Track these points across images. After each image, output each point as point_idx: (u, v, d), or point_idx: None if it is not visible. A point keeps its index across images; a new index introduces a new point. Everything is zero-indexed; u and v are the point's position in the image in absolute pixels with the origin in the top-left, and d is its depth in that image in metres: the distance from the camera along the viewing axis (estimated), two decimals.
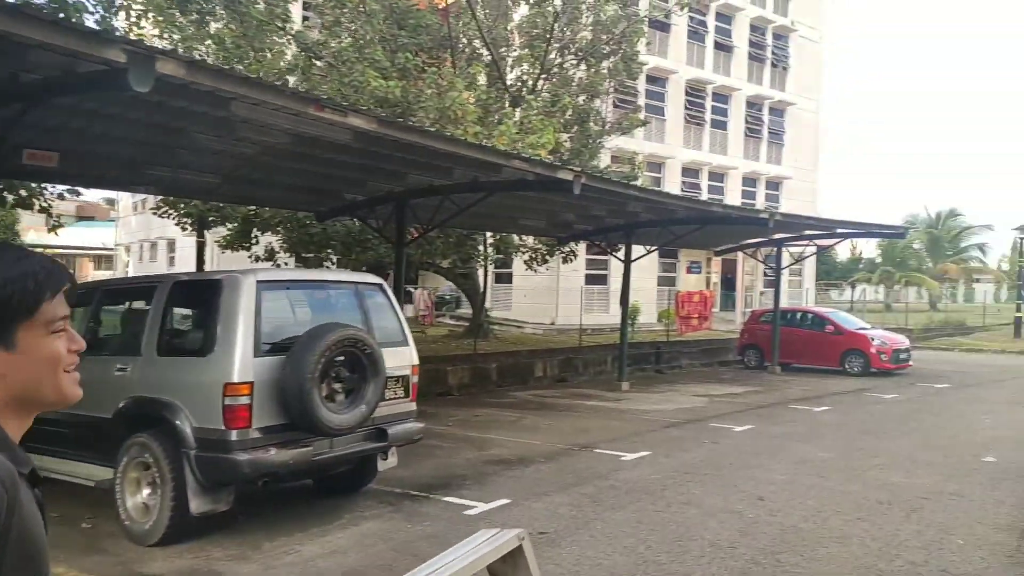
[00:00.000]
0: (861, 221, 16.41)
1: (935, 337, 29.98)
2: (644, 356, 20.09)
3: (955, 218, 52.25)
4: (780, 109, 35.54)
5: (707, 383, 17.02)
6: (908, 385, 16.70)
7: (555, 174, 9.05)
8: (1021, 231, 29.38)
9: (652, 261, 30.13)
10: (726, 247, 21.25)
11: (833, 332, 19.17)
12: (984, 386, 16.69)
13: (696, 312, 22.38)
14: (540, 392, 15.25)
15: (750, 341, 20.79)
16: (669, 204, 12.23)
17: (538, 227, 16.09)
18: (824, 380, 17.66)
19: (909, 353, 19.14)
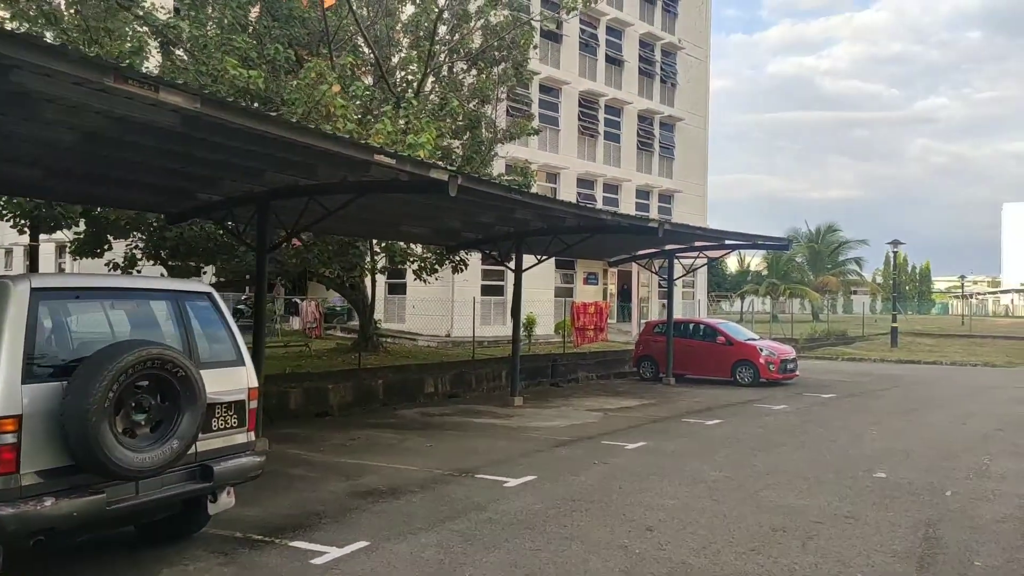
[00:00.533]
0: (748, 233, 16.46)
1: (819, 347, 31.05)
2: (540, 369, 19.48)
3: (833, 233, 55.14)
4: (670, 124, 36.21)
5: (602, 396, 16.54)
6: (796, 395, 16.80)
7: (428, 173, 8.20)
8: (893, 245, 30.97)
9: (549, 272, 29.85)
10: (620, 258, 21.02)
11: (724, 343, 19.20)
12: (867, 395, 17.01)
13: (592, 323, 22.04)
14: (429, 410, 14.27)
15: (645, 352, 20.58)
16: (556, 210, 11.62)
17: (423, 234, 15.18)
18: (716, 391, 17.56)
19: (796, 363, 19.41)
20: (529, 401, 15.53)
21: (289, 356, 18.99)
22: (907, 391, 17.93)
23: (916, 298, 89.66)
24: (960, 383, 19.86)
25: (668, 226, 13.28)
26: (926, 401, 15.89)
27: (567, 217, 12.98)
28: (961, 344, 32.03)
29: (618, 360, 21.94)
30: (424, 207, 11.99)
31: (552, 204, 11.09)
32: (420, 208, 12.01)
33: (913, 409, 14.53)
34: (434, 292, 26.39)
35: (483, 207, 12.16)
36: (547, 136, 30.11)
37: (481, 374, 18.12)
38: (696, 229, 14.70)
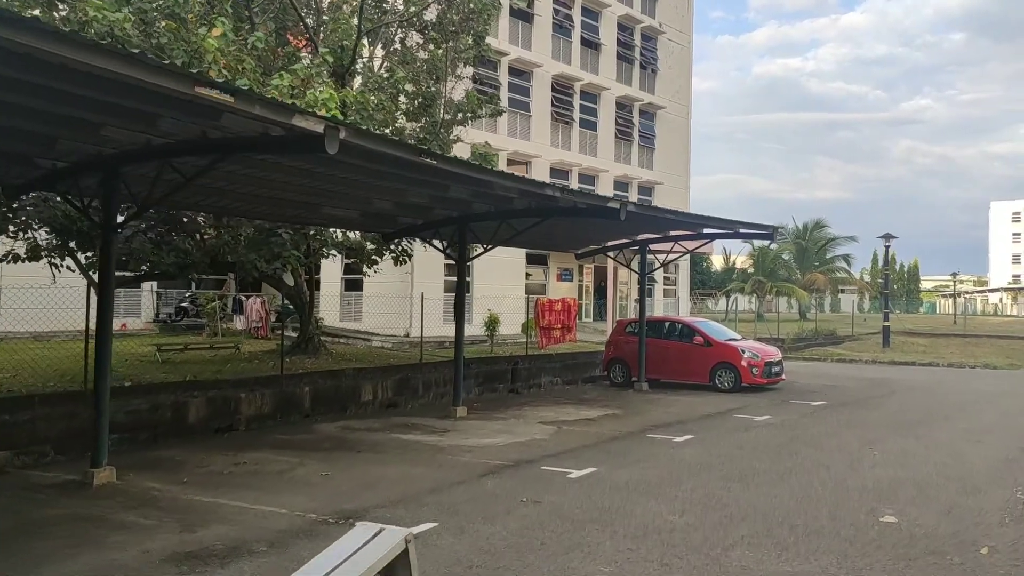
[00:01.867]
0: (727, 219, 14.50)
1: (807, 347, 29.21)
2: (498, 374, 17.44)
3: (821, 229, 53.42)
4: (650, 112, 34.26)
5: (563, 405, 14.52)
6: (781, 403, 14.85)
7: (291, 120, 6.11)
8: (886, 239, 29.18)
9: (518, 266, 27.87)
10: (588, 250, 19.01)
11: (702, 344, 17.22)
12: (862, 404, 15.08)
13: (559, 322, 19.99)
14: (355, 423, 12.20)
15: (616, 355, 18.58)
16: (490, 183, 9.58)
17: (351, 219, 13.09)
18: (692, 398, 15.59)
19: (782, 366, 17.48)
20: (477, 411, 13.50)
21: (214, 359, 16.85)
22: (905, 398, 16.02)
23: (904, 297, 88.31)
24: (962, 388, 17.99)
25: (632, 207, 11.27)
26: (929, 411, 13.98)
27: (512, 196, 10.94)
28: (956, 344, 30.29)
29: (589, 363, 19.91)
30: (338, 182, 9.93)
31: (482, 174, 9.04)
32: (332, 183, 9.94)
33: (916, 422, 12.59)
34: (393, 288, 24.35)
35: (410, 182, 10.12)
36: (517, 122, 28.08)
37: (430, 379, 16.04)
38: (666, 212, 12.73)
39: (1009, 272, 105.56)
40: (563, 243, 18.08)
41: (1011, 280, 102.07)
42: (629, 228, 16.10)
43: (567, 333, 20.30)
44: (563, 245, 18.45)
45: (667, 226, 15.70)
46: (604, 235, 17.18)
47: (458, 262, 13.12)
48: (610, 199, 11.06)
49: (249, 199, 10.45)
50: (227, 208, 11.37)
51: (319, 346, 18.52)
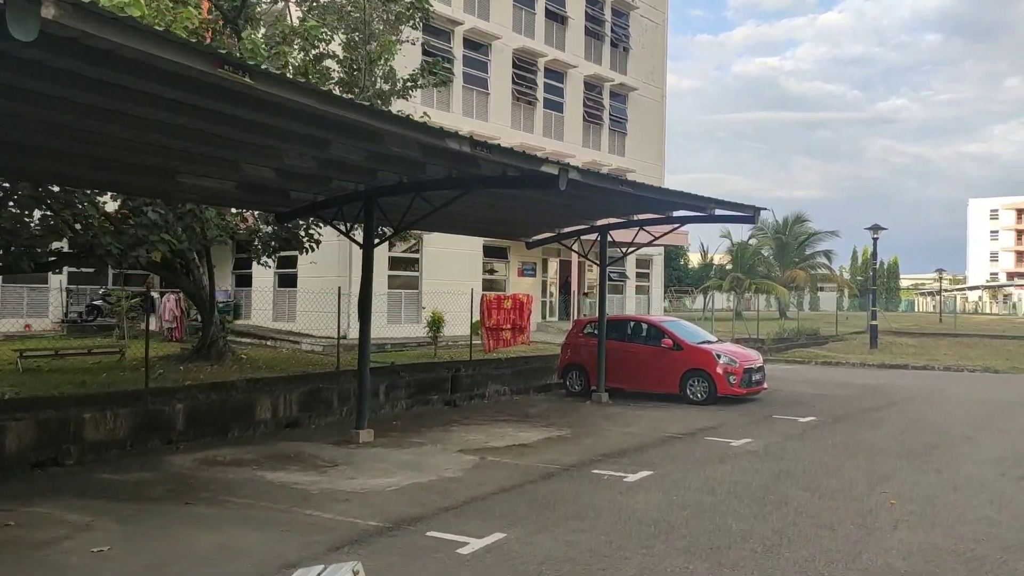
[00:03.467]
0: (700, 195, 11.99)
1: (789, 348, 26.90)
2: (434, 383, 14.82)
3: (801, 224, 51.35)
4: (622, 94, 31.77)
5: (501, 423, 11.94)
6: (764, 420, 12.37)
7: None
8: (874, 231, 26.94)
9: (474, 260, 25.24)
10: (541, 237, 16.43)
11: (671, 348, 14.70)
12: (859, 419, 12.64)
13: (509, 322, 17.41)
14: (226, 453, 9.52)
15: (573, 360, 16.03)
16: (381, 129, 6.95)
17: (224, 191, 10.37)
18: (658, 412, 13.08)
19: (763, 373, 15.02)
20: (391, 433, 10.90)
21: (93, 368, 14.06)
22: (908, 410, 13.63)
23: (885, 294, 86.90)
24: (969, 397, 15.66)
25: (577, 175, 8.69)
26: (941, 429, 11.57)
27: (415, 156, 8.31)
28: (947, 345, 28.14)
29: (544, 369, 17.32)
30: (183, 135, 7.28)
31: (342, 110, 6.37)
32: (175, 135, 7.27)
33: (930, 445, 10.15)
34: (330, 284, 21.62)
35: (273, 134, 7.49)
36: (474, 100, 25.45)
37: (348, 391, 13.36)
38: (623, 184, 10.10)
39: (987, 270, 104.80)
40: (507, 228, 15.48)
41: (989, 278, 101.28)
42: (585, 209, 13.56)
43: (519, 334, 17.72)
44: (509, 231, 15.85)
45: (629, 206, 13.18)
46: (556, 218, 14.61)
47: (364, 248, 10.46)
48: (545, 161, 8.46)
49: (69, 159, 7.76)
50: (41, 172, 8.64)
51: (224, 351, 15.79)
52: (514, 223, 14.73)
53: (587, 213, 14.18)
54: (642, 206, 13.28)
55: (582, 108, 29.71)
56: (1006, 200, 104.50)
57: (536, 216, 13.97)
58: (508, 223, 14.66)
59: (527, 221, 14.66)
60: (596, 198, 12.02)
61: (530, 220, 14.68)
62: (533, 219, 14.50)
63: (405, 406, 13.77)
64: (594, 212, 14.06)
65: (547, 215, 13.93)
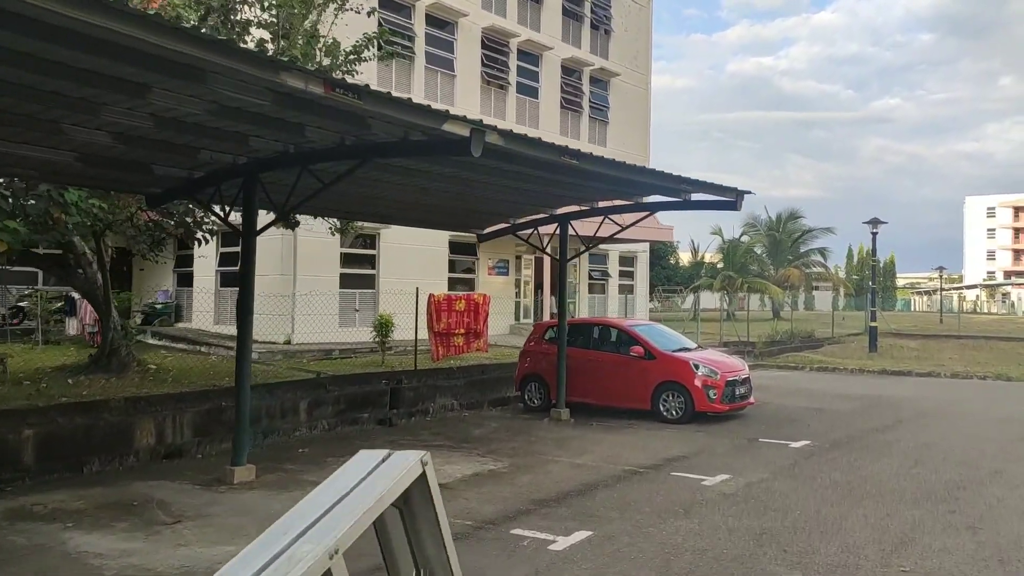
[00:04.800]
0: (671, 173, 9.89)
1: (781, 352, 24.83)
2: (369, 398, 12.74)
3: (795, 220, 49.33)
4: (603, 80, 29.68)
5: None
6: (748, 445, 10.29)
7: None
8: (873, 224, 24.91)
9: (438, 257, 23.06)
10: (495, 229, 14.34)
11: (643, 356, 12.60)
12: (863, 446, 10.55)
13: (462, 326, 15.31)
14: (54, 498, 7.43)
15: (532, 369, 13.92)
16: (196, 61, 4.85)
17: (68, 166, 8.21)
18: (622, 436, 10.99)
19: (749, 385, 12.93)
20: (290, 464, 8.85)
21: None
22: (919, 431, 11.57)
23: (881, 293, 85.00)
24: (989, 413, 13.61)
25: (495, 137, 6.59)
26: (964, 459, 9.50)
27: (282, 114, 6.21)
28: (952, 348, 26.11)
29: (505, 380, 15.15)
30: None
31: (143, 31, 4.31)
32: None
33: (955, 485, 8.07)
34: (273, 283, 19.52)
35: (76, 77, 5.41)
36: (438, 82, 23.32)
37: (258, 409, 11.28)
38: (559, 150, 7.82)
39: (984, 268, 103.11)
40: (450, 218, 13.34)
41: (986, 276, 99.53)
42: (540, 194, 11.46)
43: (474, 340, 15.62)
44: (454, 221, 13.71)
45: (591, 190, 11.10)
46: (509, 206, 12.51)
47: (243, 235, 8.35)
48: (448, 118, 6.33)
49: None
50: None
51: (127, 360, 13.63)
52: (457, 211, 12.62)
53: (544, 199, 12.09)
54: (604, 188, 11.19)
55: (559, 94, 27.61)
56: (1003, 198, 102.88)
57: (482, 203, 11.87)
58: (450, 211, 12.55)
59: (473, 209, 12.55)
60: (547, 177, 9.95)
61: (478, 208, 12.57)
62: (481, 206, 12.39)
63: (327, 426, 11.67)
64: (551, 198, 11.97)
65: (495, 201, 11.83)
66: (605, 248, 29.71)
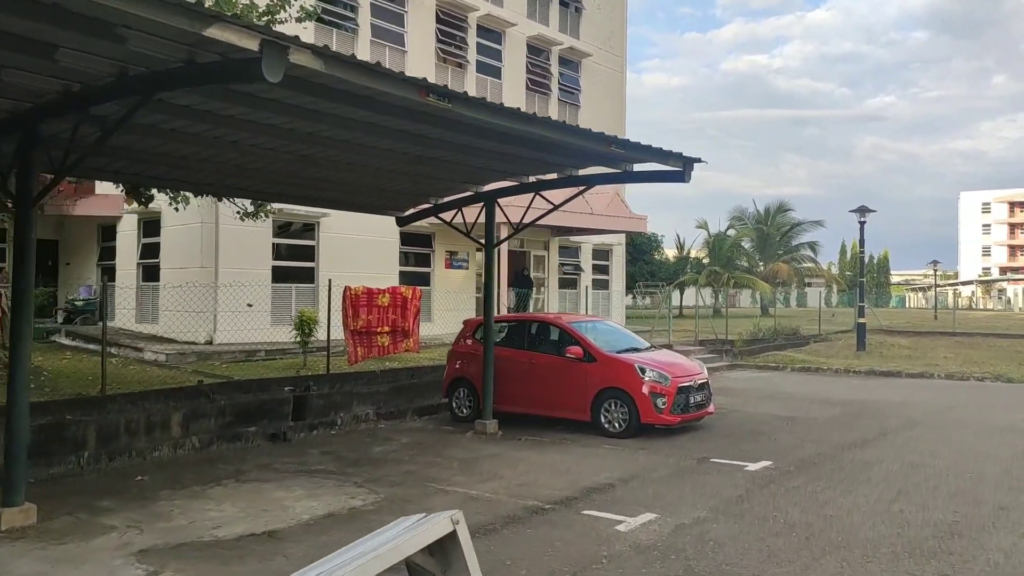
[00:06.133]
0: (585, 129, 7.96)
1: (762, 351, 22.96)
2: (264, 408, 10.83)
3: (784, 213, 47.53)
4: (574, 61, 27.73)
5: (303, 477, 7.96)
6: (694, 469, 8.39)
7: None
8: (860, 213, 23.07)
9: (389, 249, 21.05)
10: (416, 211, 12.40)
11: (581, 358, 10.69)
12: (835, 467, 8.66)
13: (387, 323, 13.39)
14: None
15: (461, 373, 12.01)
16: None
17: None
18: (548, 455, 9.10)
19: (707, 391, 11.00)
20: (100, 500, 6.90)
21: None
22: (906, 448, 9.69)
23: (875, 289, 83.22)
24: (986, 422, 11.73)
25: (310, 59, 4.69)
26: (959, 488, 7.63)
27: None
28: (946, 346, 24.25)
29: (437, 385, 13.19)
30: None
31: None
32: None
33: (949, 531, 6.19)
34: (193, 276, 17.58)
35: None
36: (387, 57, 21.34)
37: (115, 425, 9.40)
38: (420, 85, 5.87)
39: (979, 265, 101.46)
40: (354, 196, 11.30)
41: (981, 272, 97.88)
42: (463, 167, 9.55)
43: (402, 340, 13.71)
44: (361, 200, 11.68)
45: (502, 157, 9.18)
46: (425, 183, 10.56)
47: (16, 207, 6.40)
48: (221, 20, 4.41)
49: None
50: None
51: None
52: (362, 188, 10.67)
53: (466, 173, 10.16)
54: (530, 157, 9.28)
55: (525, 74, 25.65)
56: (998, 193, 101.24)
57: (392, 178, 9.93)
58: (352, 188, 10.60)
59: (383, 187, 10.60)
60: (456, 143, 8.10)
61: (389, 185, 10.63)
62: (391, 183, 10.44)
63: (199, 444, 9.72)
64: (473, 171, 10.05)
65: (408, 176, 9.89)
66: (577, 240, 27.82)
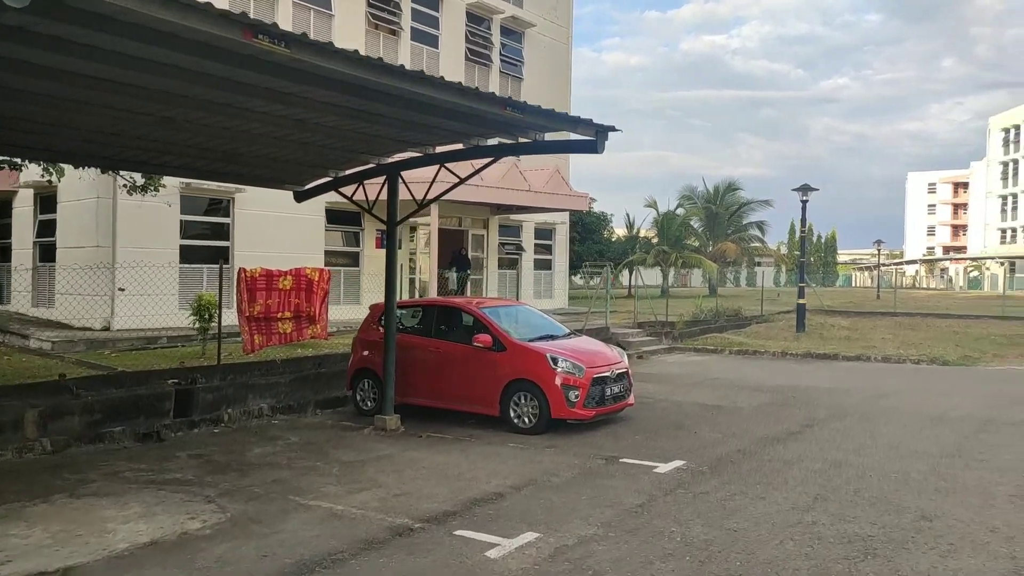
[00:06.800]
0: (490, 93, 7.03)
1: (704, 332, 22.44)
2: (143, 403, 9.74)
3: (734, 192, 47.28)
4: (517, 31, 26.62)
5: (161, 488, 6.93)
6: (598, 472, 7.59)
7: None
8: (803, 191, 22.61)
9: (313, 227, 19.70)
10: (315, 184, 11.31)
11: (490, 347, 9.81)
12: (753, 465, 7.97)
13: (289, 308, 12.29)
14: None
15: (366, 363, 11.02)
16: None
17: None
18: (444, 458, 8.21)
19: (627, 383, 10.22)
20: None
21: None
22: (831, 443, 9.06)
23: (822, 269, 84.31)
24: (920, 410, 11.22)
25: None
26: (882, 493, 6.98)
27: None
28: (886, 327, 24.08)
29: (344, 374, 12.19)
30: None
31: None
32: None
33: (865, 549, 5.49)
34: (89, 255, 16.17)
35: None
36: (311, 22, 19.97)
37: None
38: (242, 22, 4.95)
39: (924, 244, 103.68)
40: (244, 168, 10.13)
41: (926, 252, 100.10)
42: (359, 136, 8.51)
43: (308, 326, 12.63)
44: (252, 172, 10.50)
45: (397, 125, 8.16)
46: (328, 151, 9.46)
47: None
48: None
49: None
50: None
51: None
52: (246, 157, 9.52)
53: (365, 143, 9.11)
54: (432, 125, 8.28)
55: (464, 43, 24.46)
56: (944, 174, 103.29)
57: (276, 145, 8.82)
58: (236, 157, 9.44)
59: (271, 156, 9.47)
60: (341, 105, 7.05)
61: (279, 154, 9.51)
62: (282, 152, 9.32)
63: (51, 447, 8.59)
64: (373, 141, 9.00)
65: (299, 145, 8.80)
66: (519, 219, 26.91)
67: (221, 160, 9.59)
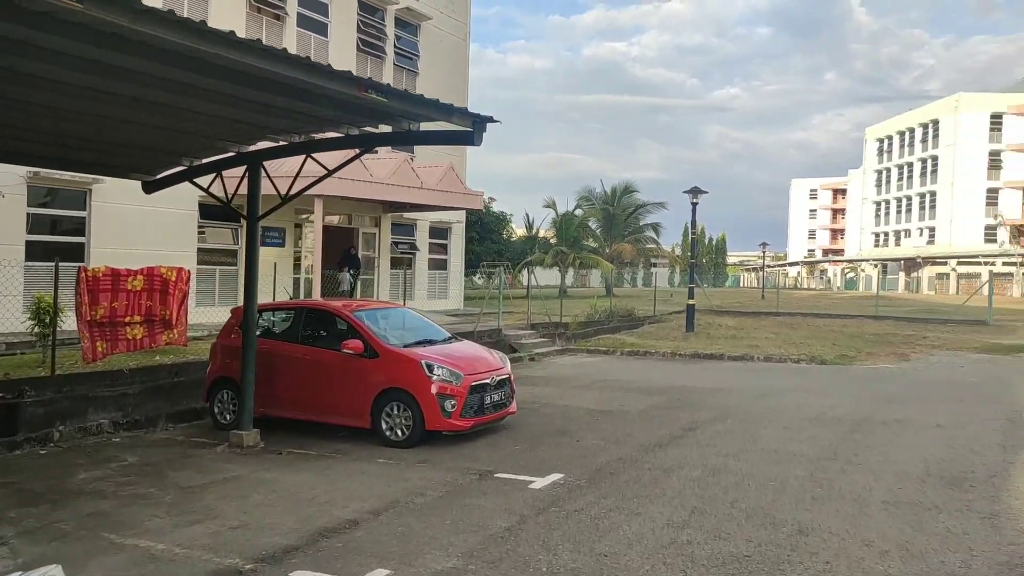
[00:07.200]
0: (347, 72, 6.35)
1: (597, 333, 22.37)
2: None
3: (630, 194, 48.06)
4: (412, 23, 25.77)
5: None
6: (468, 490, 7.00)
7: None
8: (693, 194, 22.94)
9: (185, 223, 18.22)
10: (168, 174, 10.23)
11: (360, 353, 9.05)
12: (632, 476, 7.59)
13: (139, 312, 11.07)
14: None
15: (225, 371, 9.99)
16: None
17: None
18: (301, 477, 7.41)
19: (508, 390, 9.69)
20: None
21: None
22: (711, 448, 8.84)
23: (713, 270, 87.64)
24: (799, 411, 11.27)
25: None
26: (759, 504, 6.74)
27: None
28: (769, 326, 24.83)
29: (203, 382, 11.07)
30: None
31: None
32: None
33: (742, 562, 5.15)
34: None
35: None
36: (185, 7, 18.45)
37: None
38: None
39: (806, 247, 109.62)
40: (85, 153, 8.94)
41: (807, 254, 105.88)
42: (214, 119, 7.52)
43: (163, 331, 11.45)
44: (94, 157, 9.32)
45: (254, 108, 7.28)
46: (183, 137, 8.42)
47: None
48: None
49: None
50: None
51: None
52: (96, 143, 8.35)
53: (216, 127, 8.14)
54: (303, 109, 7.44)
55: (355, 34, 23.40)
56: (824, 180, 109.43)
57: (120, 129, 7.71)
58: (81, 142, 8.26)
59: (119, 142, 8.34)
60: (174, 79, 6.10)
61: (125, 139, 8.38)
62: (138, 137, 8.21)
63: None
64: (227, 126, 8.05)
65: (149, 129, 7.72)
66: (412, 217, 26.05)
67: (55, 145, 8.39)
